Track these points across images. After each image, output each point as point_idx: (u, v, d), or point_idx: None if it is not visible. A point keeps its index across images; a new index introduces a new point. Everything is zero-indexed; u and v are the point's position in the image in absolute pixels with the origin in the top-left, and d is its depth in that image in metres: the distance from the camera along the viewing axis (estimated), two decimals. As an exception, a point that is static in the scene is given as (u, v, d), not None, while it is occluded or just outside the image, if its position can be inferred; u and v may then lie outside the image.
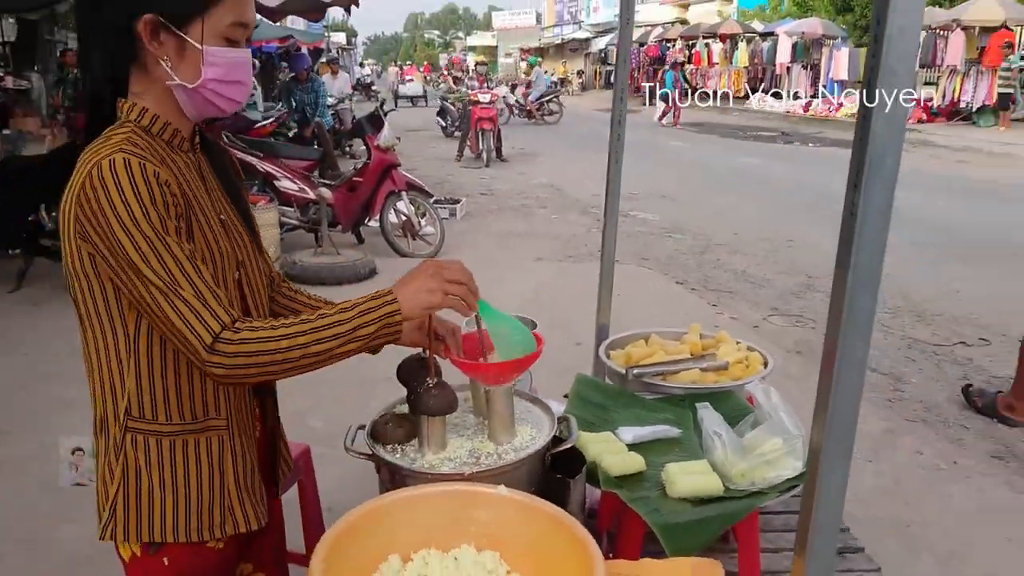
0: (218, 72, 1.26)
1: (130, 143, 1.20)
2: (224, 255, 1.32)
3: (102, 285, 1.23)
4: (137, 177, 1.15)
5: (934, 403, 4.29)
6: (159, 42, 1.23)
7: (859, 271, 0.87)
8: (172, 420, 1.29)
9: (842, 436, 0.95)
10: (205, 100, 1.28)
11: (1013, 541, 3.03)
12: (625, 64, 2.35)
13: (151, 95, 1.28)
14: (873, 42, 0.84)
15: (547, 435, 1.49)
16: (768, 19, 27.62)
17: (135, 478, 1.29)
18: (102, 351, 1.27)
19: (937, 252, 7.41)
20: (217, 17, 1.24)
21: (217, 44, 1.25)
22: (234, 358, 1.17)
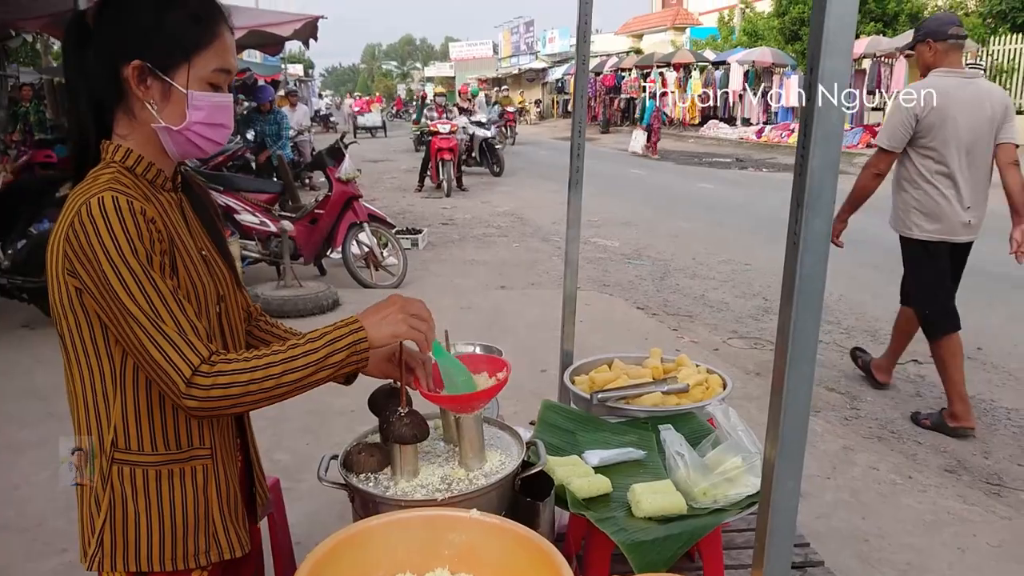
0: (202, 115, 1.32)
1: (118, 182, 1.25)
2: (206, 290, 1.36)
3: (89, 321, 1.26)
4: (125, 214, 1.20)
5: (888, 420, 4.42)
6: (146, 87, 1.29)
7: (803, 296, 0.95)
8: (158, 451, 1.32)
9: (793, 449, 1.01)
10: (188, 141, 1.34)
11: (966, 551, 3.13)
12: (583, 97, 2.44)
13: (136, 137, 1.33)
14: (807, 87, 0.92)
15: (516, 460, 1.54)
16: (720, 48, 28.31)
17: (122, 508, 1.31)
18: (88, 385, 1.30)
19: (889, 273, 7.61)
20: (202, 64, 1.30)
21: (201, 89, 1.31)
22: (209, 390, 1.21)
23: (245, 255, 7.04)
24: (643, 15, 40.21)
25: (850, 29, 0.88)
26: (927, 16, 20.89)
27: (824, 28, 0.89)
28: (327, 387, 1.63)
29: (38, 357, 5.30)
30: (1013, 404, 4.58)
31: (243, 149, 10.87)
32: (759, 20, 26.80)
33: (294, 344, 1.29)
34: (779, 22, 24.67)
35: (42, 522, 3.29)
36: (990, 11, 19.34)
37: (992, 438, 4.17)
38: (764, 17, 26.55)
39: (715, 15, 31.94)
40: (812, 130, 0.93)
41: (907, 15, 21.61)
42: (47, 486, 3.56)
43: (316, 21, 8.77)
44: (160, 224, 1.26)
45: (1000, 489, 3.64)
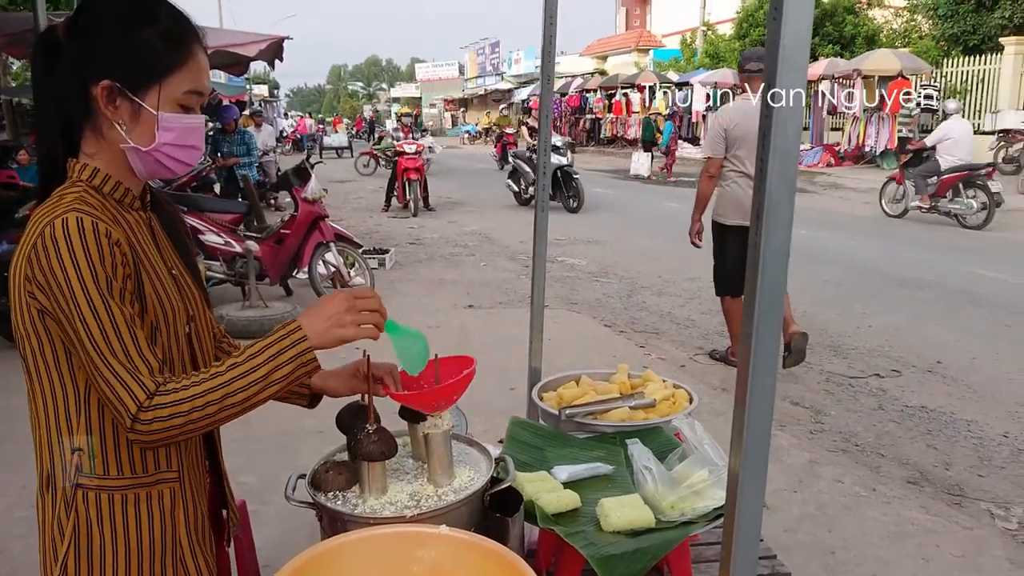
0: (171, 137, 1.29)
1: (83, 202, 1.23)
2: (176, 310, 1.34)
3: (52, 343, 1.24)
4: (88, 236, 1.18)
5: (852, 433, 4.49)
6: (115, 106, 1.27)
7: (763, 307, 0.97)
8: (124, 475, 1.29)
9: (756, 459, 1.03)
10: (157, 162, 1.31)
11: (930, 561, 3.19)
12: (547, 119, 2.46)
13: (104, 156, 1.30)
14: (764, 103, 0.94)
15: (485, 476, 1.54)
16: (683, 70, 28.74)
17: (87, 534, 1.28)
18: (51, 408, 1.27)
19: (850, 289, 7.78)
20: (173, 85, 1.28)
21: (172, 110, 1.29)
22: (151, 424, 1.18)
23: (210, 276, 6.97)
24: (607, 37, 40.73)
25: (805, 45, 0.91)
26: (883, 38, 21.44)
27: (780, 46, 0.92)
28: (295, 407, 1.62)
29: (-4, 381, 5.17)
30: (972, 416, 4.68)
31: (207, 169, 10.77)
32: (721, 42, 27.31)
33: (233, 364, 1.24)
34: (740, 44, 25.15)
35: (3, 549, 3.21)
36: (943, 34, 19.93)
37: (953, 450, 4.25)
38: (725, 39, 27.06)
39: (678, 37, 32.46)
40: (770, 145, 0.95)
41: (864, 37, 22.18)
42: (5, 512, 3.48)
43: (282, 42, 8.74)
44: (125, 246, 1.24)
45: (961, 500, 3.71)
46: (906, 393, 5.07)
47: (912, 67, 18.60)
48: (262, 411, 1.38)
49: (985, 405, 4.86)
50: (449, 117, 55.37)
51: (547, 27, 2.37)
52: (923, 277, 8.15)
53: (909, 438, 4.41)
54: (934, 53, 19.77)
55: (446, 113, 55.86)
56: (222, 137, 11.21)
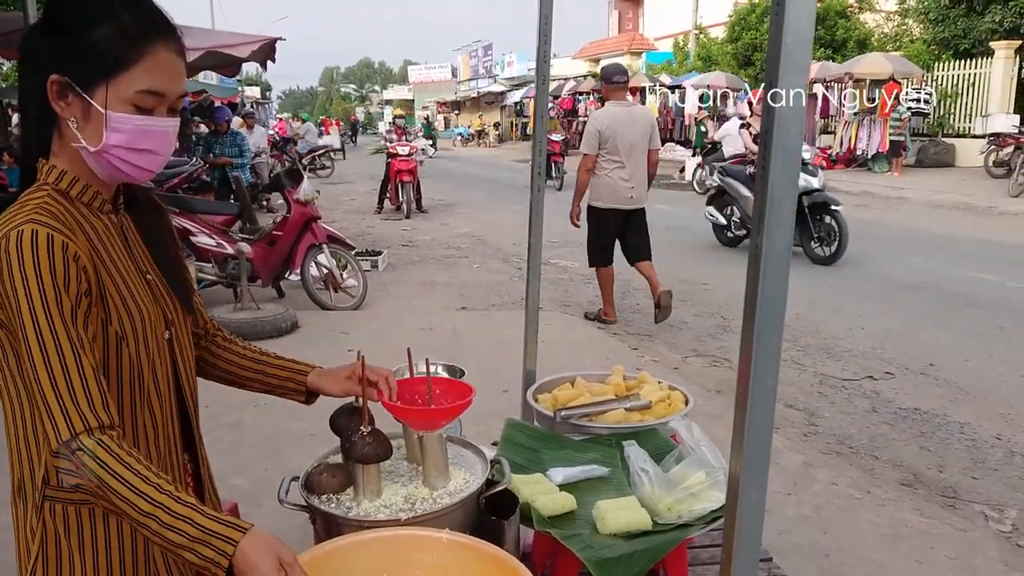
0: (122, 139, 1.22)
1: (43, 210, 1.19)
2: (150, 317, 1.31)
3: (16, 352, 1.19)
4: (41, 252, 1.13)
5: (846, 435, 4.49)
6: (66, 103, 1.22)
7: (765, 305, 0.95)
8: None
9: (758, 461, 1.02)
10: (111, 165, 1.25)
11: (924, 563, 3.18)
12: (543, 117, 2.45)
13: (64, 156, 1.26)
14: (766, 103, 0.93)
15: (480, 478, 1.53)
16: (675, 72, 28.77)
17: (55, 547, 1.25)
18: (18, 417, 1.24)
19: (843, 291, 7.79)
20: (125, 84, 1.21)
21: (124, 110, 1.22)
22: (78, 455, 1.13)
23: (201, 277, 6.94)
24: (599, 40, 40.76)
25: (807, 45, 0.90)
26: (874, 42, 21.49)
27: (782, 44, 0.91)
28: (286, 410, 1.60)
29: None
30: (965, 419, 4.69)
31: (199, 171, 10.74)
32: (713, 46, 27.35)
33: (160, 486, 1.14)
34: (732, 47, 25.21)
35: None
36: (934, 38, 20.01)
37: (946, 452, 4.25)
38: (718, 43, 27.10)
39: (670, 40, 32.51)
40: (772, 144, 0.94)
41: (855, 41, 22.25)
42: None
43: (274, 43, 8.70)
44: (84, 260, 1.19)
45: (955, 502, 3.71)
46: (900, 395, 5.08)
47: (903, 71, 18.67)
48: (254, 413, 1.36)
49: (978, 407, 4.87)
50: (442, 119, 55.35)
51: (543, 26, 2.36)
52: (917, 279, 8.17)
53: (903, 440, 4.41)
54: (925, 57, 19.85)
55: (439, 115, 55.81)
56: (214, 139, 11.16)
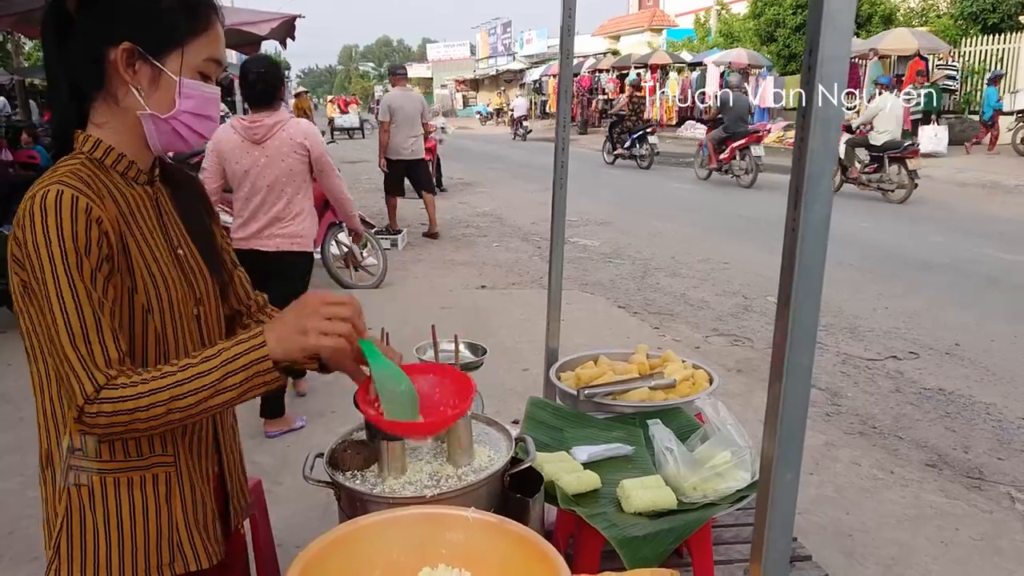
0: (191, 105, 1.26)
1: (73, 175, 1.19)
2: (177, 291, 1.30)
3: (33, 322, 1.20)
4: (65, 211, 1.14)
5: (870, 415, 4.44)
6: (134, 71, 1.23)
7: (801, 280, 0.93)
8: (116, 457, 1.26)
9: (792, 441, 0.99)
10: (174, 131, 1.27)
11: (949, 544, 3.15)
12: (567, 92, 2.41)
13: (113, 125, 1.27)
14: (806, 70, 0.90)
15: (505, 456, 1.51)
16: (696, 50, 28.45)
17: (79, 516, 1.26)
18: (46, 386, 1.24)
19: (866, 270, 7.70)
20: (195, 51, 1.25)
21: (192, 77, 1.26)
22: (96, 418, 1.14)
23: (222, 256, 6.95)
24: (619, 16, 40.35)
25: (851, 7, 0.87)
26: (900, 17, 21.08)
27: (824, 9, 0.88)
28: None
29: (7, 360, 5.19)
30: (991, 399, 4.63)
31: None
32: (735, 22, 26.99)
33: (187, 364, 1.17)
34: (755, 24, 24.85)
35: (14, 529, 3.22)
36: (961, 13, 19.62)
37: (972, 433, 4.20)
38: (740, 19, 26.74)
39: (691, 17, 32.11)
40: (811, 115, 0.91)
41: (880, 16, 21.87)
42: (19, 492, 3.49)
43: (294, 20, 8.67)
44: (108, 225, 1.18)
45: (981, 483, 3.67)
46: (924, 375, 5.02)
47: (929, 46, 18.33)
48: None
49: (1004, 388, 4.80)
50: (460, 98, 55.10)
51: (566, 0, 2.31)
52: (941, 259, 8.06)
53: (927, 421, 4.36)
54: (952, 32, 19.48)
55: (457, 94, 55.58)
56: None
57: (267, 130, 3.94)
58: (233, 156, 3.99)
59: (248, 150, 3.97)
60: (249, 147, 3.97)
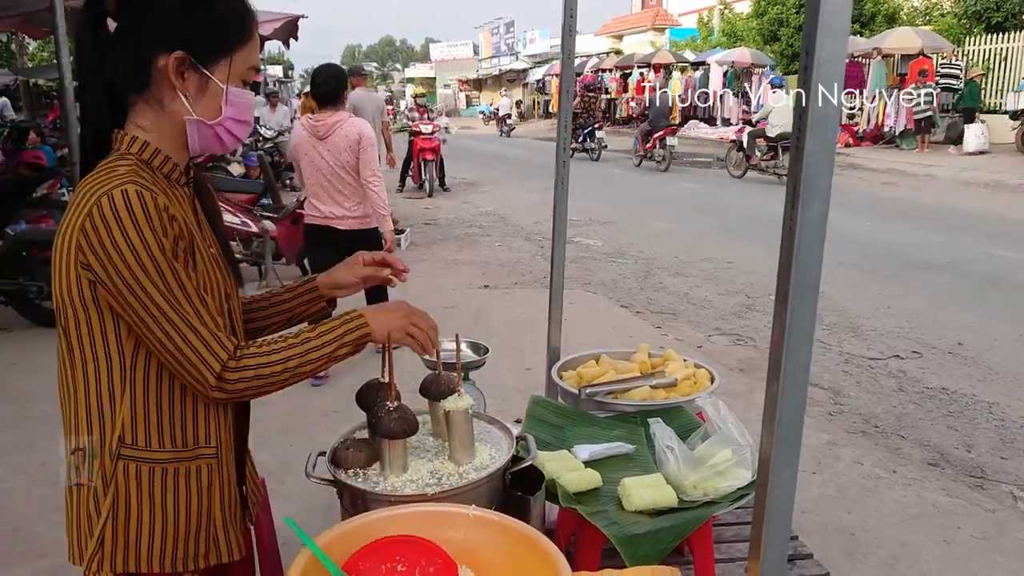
0: (234, 111, 1.34)
1: (137, 175, 1.23)
2: (218, 286, 1.36)
3: (100, 314, 1.24)
4: (150, 208, 1.19)
5: (872, 415, 4.44)
6: (183, 78, 1.28)
7: (799, 279, 0.94)
8: (165, 447, 1.30)
9: (790, 439, 1.00)
10: (216, 136, 1.34)
11: (951, 543, 3.15)
12: (569, 95, 2.42)
13: (158, 128, 1.31)
14: (803, 70, 0.91)
15: (506, 454, 1.52)
16: (699, 49, 28.42)
17: (125, 507, 1.28)
18: (93, 380, 1.26)
19: (868, 270, 7.69)
20: (240, 60, 1.33)
21: (235, 85, 1.34)
22: (236, 383, 1.25)
23: (226, 256, 6.97)
24: (623, 16, 40.31)
25: (846, 9, 0.87)
26: (903, 16, 21.03)
27: (820, 11, 0.88)
28: (311, 387, 1.62)
29: (12, 359, 5.21)
30: (994, 398, 4.62)
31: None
32: (738, 21, 26.95)
33: (306, 339, 1.34)
34: (758, 23, 24.82)
35: (20, 527, 3.23)
36: (965, 11, 19.57)
37: (974, 432, 4.20)
38: (743, 18, 26.70)
39: (694, 16, 32.07)
40: (808, 116, 0.92)
41: (884, 16, 21.83)
42: (24, 490, 3.50)
43: (296, 20, 8.71)
44: (180, 220, 1.25)
45: (983, 482, 3.67)
46: (926, 375, 5.02)
47: (933, 45, 18.28)
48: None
49: (1007, 387, 4.80)
50: (464, 97, 55.11)
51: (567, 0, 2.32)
52: (944, 258, 8.05)
53: (930, 420, 4.36)
54: (956, 31, 19.43)
55: (460, 93, 55.58)
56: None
57: (328, 128, 4.57)
58: (303, 149, 4.68)
59: (314, 144, 4.63)
60: (315, 142, 4.62)
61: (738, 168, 15.41)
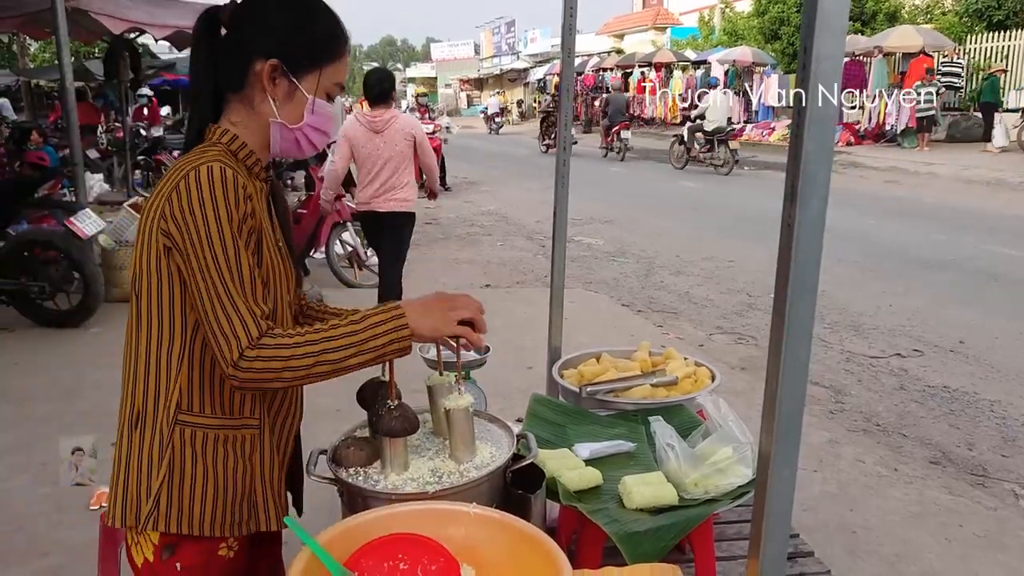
0: (315, 120, 1.45)
1: (225, 157, 1.36)
2: (281, 277, 1.45)
3: (171, 282, 1.33)
4: (229, 184, 1.29)
5: (873, 413, 4.44)
6: (274, 84, 1.40)
7: (798, 277, 0.94)
8: (216, 415, 1.38)
9: (789, 436, 1.00)
10: (295, 141, 1.45)
11: (952, 541, 3.16)
12: (569, 94, 2.42)
13: (246, 126, 1.43)
14: (801, 68, 0.91)
15: (507, 453, 1.53)
16: (700, 48, 28.41)
17: (180, 469, 1.36)
18: (154, 346, 1.36)
19: (869, 268, 7.69)
20: (329, 75, 1.44)
21: (320, 96, 1.45)
22: (253, 362, 1.26)
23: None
24: (624, 15, 40.32)
25: (844, 8, 0.88)
26: (904, 14, 21.02)
27: (818, 8, 0.88)
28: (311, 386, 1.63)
29: (14, 359, 5.21)
30: (995, 396, 4.62)
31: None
32: (739, 20, 26.93)
33: (335, 324, 1.33)
34: (759, 22, 24.80)
35: (21, 526, 3.24)
36: (966, 10, 19.56)
37: (976, 430, 4.20)
38: (744, 17, 26.68)
39: (695, 15, 32.07)
40: (807, 114, 0.92)
41: (885, 14, 21.81)
42: (25, 490, 3.50)
43: (297, 20, 8.71)
44: (255, 203, 1.34)
45: (985, 480, 3.67)
46: (928, 373, 5.02)
47: (934, 44, 18.27)
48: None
49: (1008, 385, 4.80)
50: (465, 97, 55.09)
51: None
52: (945, 256, 8.05)
53: (931, 418, 4.36)
54: (957, 29, 19.41)
55: (461, 93, 55.56)
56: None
57: (384, 123, 5.18)
58: (359, 142, 5.22)
59: (371, 138, 5.20)
60: (371, 135, 5.19)
61: (680, 160, 17.02)
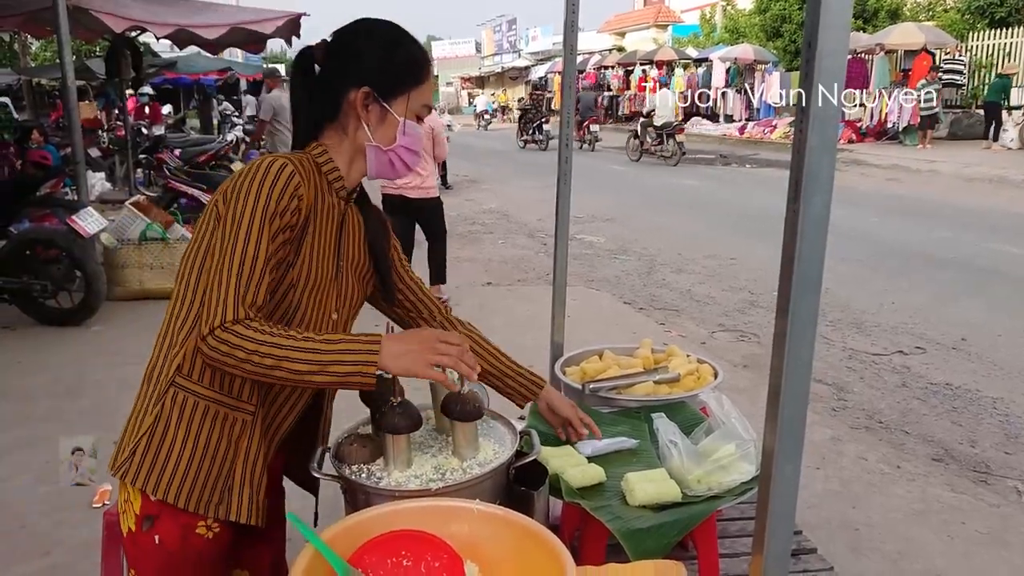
0: (407, 141, 1.52)
1: (297, 158, 1.43)
2: (321, 290, 1.50)
3: (206, 251, 1.40)
4: (282, 175, 1.36)
5: (876, 410, 4.44)
6: (367, 110, 1.49)
7: (801, 274, 0.94)
8: (213, 388, 1.42)
9: (792, 433, 1.00)
10: (389, 162, 1.53)
11: (955, 538, 3.15)
12: (570, 91, 2.42)
13: (338, 148, 1.52)
14: (805, 64, 0.91)
15: (510, 450, 1.53)
16: (702, 46, 28.39)
17: (163, 430, 1.40)
18: (178, 308, 1.43)
19: (872, 266, 7.68)
20: (416, 98, 1.53)
21: (410, 119, 1.53)
22: (220, 343, 1.29)
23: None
24: (625, 13, 40.28)
25: (848, 3, 0.87)
26: (906, 11, 20.99)
27: (822, 4, 0.88)
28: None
29: (17, 358, 5.22)
30: (998, 394, 4.62)
31: (226, 148, 10.80)
32: (740, 17, 26.92)
33: (309, 337, 1.34)
34: (760, 19, 24.79)
35: (25, 524, 3.24)
36: (968, 7, 19.52)
37: (978, 427, 4.20)
38: (745, 14, 26.66)
39: (697, 12, 32.05)
40: (810, 111, 0.92)
41: (886, 12, 21.78)
42: (28, 489, 3.51)
43: (299, 19, 8.69)
44: (304, 203, 1.39)
45: (987, 477, 3.67)
46: (930, 370, 5.01)
47: (936, 41, 18.24)
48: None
49: (1011, 382, 4.80)
50: (466, 95, 55.06)
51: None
52: (948, 254, 8.04)
53: (934, 415, 4.36)
54: (959, 26, 19.37)
55: (463, 91, 55.54)
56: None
57: None
58: None
59: None
60: None
61: (635, 153, 18.61)
